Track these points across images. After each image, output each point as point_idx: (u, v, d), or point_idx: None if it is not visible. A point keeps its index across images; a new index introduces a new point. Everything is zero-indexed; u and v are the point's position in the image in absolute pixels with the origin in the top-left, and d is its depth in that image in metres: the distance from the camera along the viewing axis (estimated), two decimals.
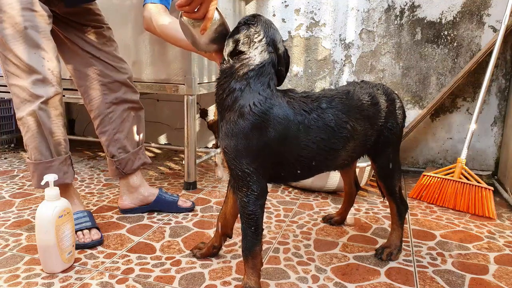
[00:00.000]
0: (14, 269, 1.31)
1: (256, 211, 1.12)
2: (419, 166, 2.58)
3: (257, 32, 1.12)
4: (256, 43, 1.11)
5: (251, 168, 1.10)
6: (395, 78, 2.52)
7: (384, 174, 1.40)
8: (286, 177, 1.25)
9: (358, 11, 2.51)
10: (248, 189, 1.11)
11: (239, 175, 1.11)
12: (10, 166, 2.54)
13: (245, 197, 1.11)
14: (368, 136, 1.29)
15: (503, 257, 1.45)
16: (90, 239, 1.47)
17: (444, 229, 1.69)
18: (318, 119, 1.16)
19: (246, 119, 1.07)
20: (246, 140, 1.08)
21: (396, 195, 1.42)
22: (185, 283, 1.24)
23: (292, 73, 2.72)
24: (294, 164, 1.18)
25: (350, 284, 1.25)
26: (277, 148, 1.12)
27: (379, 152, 1.35)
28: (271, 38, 1.15)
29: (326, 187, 2.08)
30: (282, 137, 1.11)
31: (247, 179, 1.10)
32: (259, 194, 1.12)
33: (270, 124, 1.09)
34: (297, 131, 1.13)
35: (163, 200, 1.79)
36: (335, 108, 1.20)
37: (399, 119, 1.36)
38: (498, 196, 2.09)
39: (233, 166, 1.11)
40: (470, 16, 2.33)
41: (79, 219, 1.50)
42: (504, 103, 2.37)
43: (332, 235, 1.60)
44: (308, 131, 1.15)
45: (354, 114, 1.23)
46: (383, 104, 1.31)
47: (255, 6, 2.70)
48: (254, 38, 1.12)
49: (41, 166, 1.44)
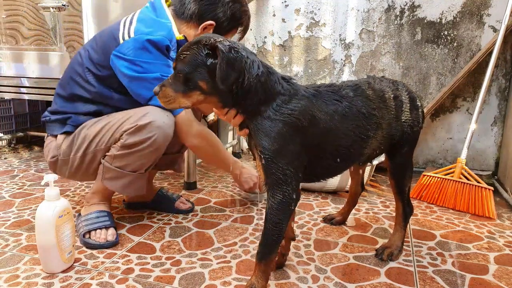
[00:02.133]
0: (14, 269, 1.31)
1: (285, 219, 1.11)
2: (419, 166, 2.58)
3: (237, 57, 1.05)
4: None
5: (291, 169, 1.09)
6: (395, 78, 2.51)
7: (397, 172, 1.41)
8: (322, 173, 1.26)
9: (358, 11, 2.51)
10: (283, 195, 1.09)
11: (276, 179, 1.08)
12: (10, 166, 2.54)
13: (278, 204, 1.09)
14: (393, 128, 1.30)
15: (503, 257, 1.45)
16: (105, 239, 1.48)
17: (444, 229, 1.69)
18: (351, 106, 1.19)
19: (279, 120, 1.07)
20: (284, 139, 1.07)
21: (404, 195, 1.42)
22: (185, 283, 1.24)
23: (292, 73, 2.72)
24: (333, 155, 1.19)
25: (350, 284, 1.25)
26: (316, 141, 1.13)
27: (397, 149, 1.36)
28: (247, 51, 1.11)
29: (326, 187, 2.08)
30: (320, 129, 1.12)
31: (285, 182, 1.08)
32: (293, 200, 1.11)
33: (305, 119, 1.09)
34: (332, 120, 1.15)
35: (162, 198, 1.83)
36: (362, 96, 1.23)
37: (420, 118, 1.38)
38: (498, 196, 2.09)
39: (271, 170, 1.08)
40: (470, 16, 2.33)
41: (98, 218, 1.53)
42: (504, 103, 2.37)
43: (332, 235, 1.60)
44: (343, 119, 1.17)
45: (378, 103, 1.25)
46: (405, 100, 1.33)
47: (255, 6, 2.70)
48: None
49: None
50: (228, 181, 2.29)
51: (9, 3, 2.33)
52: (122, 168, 1.47)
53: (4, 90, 2.48)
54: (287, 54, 2.71)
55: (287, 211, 1.11)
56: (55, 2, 2.16)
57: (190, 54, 1.05)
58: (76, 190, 2.07)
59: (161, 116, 1.44)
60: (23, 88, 2.45)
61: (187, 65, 1.05)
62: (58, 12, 2.19)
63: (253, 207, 1.89)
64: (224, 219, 1.75)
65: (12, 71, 2.42)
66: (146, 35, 1.43)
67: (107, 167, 1.48)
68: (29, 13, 2.30)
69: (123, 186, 1.50)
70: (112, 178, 1.49)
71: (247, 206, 1.91)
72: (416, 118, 1.36)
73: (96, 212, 1.55)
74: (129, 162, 1.46)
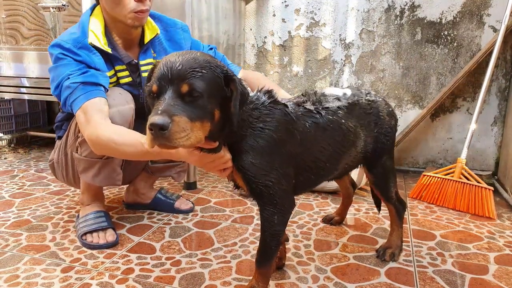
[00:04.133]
0: (13, 269, 1.31)
1: (282, 229, 1.11)
2: (419, 166, 2.58)
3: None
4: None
5: (274, 179, 1.05)
6: (395, 78, 2.51)
7: (380, 182, 1.40)
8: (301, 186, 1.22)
9: (358, 11, 2.51)
10: (273, 205, 1.07)
11: (263, 191, 1.05)
12: (10, 166, 2.54)
13: (271, 215, 1.07)
14: (368, 142, 1.29)
15: (503, 257, 1.45)
16: (105, 240, 1.48)
17: (444, 229, 1.69)
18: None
19: (264, 135, 1.04)
20: (269, 154, 1.04)
21: (392, 198, 1.42)
22: (185, 283, 1.24)
23: (292, 73, 2.72)
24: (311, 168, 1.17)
25: (350, 284, 1.25)
26: (297, 152, 1.11)
27: (375, 160, 1.34)
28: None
29: (326, 188, 2.08)
30: (299, 140, 1.11)
31: (272, 193, 1.05)
32: (286, 210, 1.10)
33: (287, 131, 1.08)
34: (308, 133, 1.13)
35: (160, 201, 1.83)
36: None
37: (393, 123, 1.36)
38: (498, 196, 2.09)
39: (255, 183, 1.04)
40: (470, 16, 2.33)
41: (96, 218, 1.53)
42: (504, 103, 2.37)
43: (332, 235, 1.60)
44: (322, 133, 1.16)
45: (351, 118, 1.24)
46: (379, 110, 1.31)
47: (255, 6, 2.70)
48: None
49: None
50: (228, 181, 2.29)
51: (9, 3, 2.33)
52: (90, 156, 1.46)
53: (4, 90, 2.48)
54: (287, 54, 2.71)
55: (283, 220, 1.10)
56: (55, 2, 2.16)
57: (208, 75, 0.89)
58: (76, 190, 2.07)
59: (114, 94, 1.43)
60: (23, 88, 2.45)
61: (207, 86, 0.88)
62: (58, 12, 2.18)
63: (253, 207, 1.89)
64: (224, 219, 1.75)
65: (12, 71, 2.42)
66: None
67: (77, 158, 1.49)
68: (29, 13, 2.30)
69: (93, 175, 1.49)
70: (84, 169, 1.49)
71: (247, 206, 1.91)
72: (389, 125, 1.34)
73: (92, 213, 1.55)
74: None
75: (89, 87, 1.35)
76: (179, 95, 0.85)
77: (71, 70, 1.36)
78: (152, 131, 0.82)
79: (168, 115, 0.81)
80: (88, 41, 1.41)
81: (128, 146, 1.26)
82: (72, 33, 1.42)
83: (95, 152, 1.38)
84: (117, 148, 1.28)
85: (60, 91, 1.37)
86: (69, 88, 1.34)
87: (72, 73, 1.35)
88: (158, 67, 0.89)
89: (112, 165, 1.50)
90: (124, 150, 1.27)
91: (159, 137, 0.83)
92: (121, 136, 1.28)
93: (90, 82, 1.35)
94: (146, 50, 1.55)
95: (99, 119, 1.31)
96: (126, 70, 1.53)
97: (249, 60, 2.78)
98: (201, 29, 2.09)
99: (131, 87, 1.55)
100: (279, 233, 1.11)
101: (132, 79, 1.55)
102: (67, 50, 1.38)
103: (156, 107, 0.84)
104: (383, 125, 1.32)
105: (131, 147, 1.25)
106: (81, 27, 1.44)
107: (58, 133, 1.65)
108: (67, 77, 1.35)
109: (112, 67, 1.49)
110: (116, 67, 1.50)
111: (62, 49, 1.38)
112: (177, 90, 0.85)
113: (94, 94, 1.34)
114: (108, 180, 1.51)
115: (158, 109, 0.83)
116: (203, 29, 2.11)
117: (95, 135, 1.30)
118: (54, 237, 1.54)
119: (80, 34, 1.42)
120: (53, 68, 1.41)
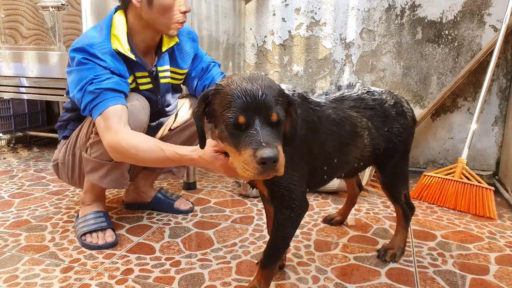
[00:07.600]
0: (13, 270, 1.30)
1: (293, 232, 1.11)
2: (419, 166, 2.57)
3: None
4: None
5: (296, 182, 1.05)
6: (395, 77, 2.51)
7: (390, 183, 1.39)
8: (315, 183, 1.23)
9: (358, 11, 2.50)
10: (291, 209, 1.07)
11: (285, 194, 1.05)
12: (9, 166, 2.53)
13: (287, 219, 1.07)
14: (376, 140, 1.28)
15: (504, 258, 1.44)
16: (104, 240, 1.47)
17: (445, 229, 1.68)
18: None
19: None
20: (292, 155, 1.03)
21: (401, 201, 1.40)
22: (184, 284, 1.23)
23: (292, 72, 2.71)
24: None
25: (351, 284, 1.24)
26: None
27: (386, 160, 1.33)
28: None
29: (327, 188, 2.07)
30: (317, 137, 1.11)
31: (293, 197, 1.06)
32: (302, 212, 1.10)
33: (310, 130, 1.08)
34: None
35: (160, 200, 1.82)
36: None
37: (408, 126, 1.33)
38: (499, 196, 2.09)
39: (277, 186, 1.05)
40: (471, 16, 2.32)
41: (96, 219, 1.53)
42: (505, 102, 2.36)
43: (333, 236, 1.60)
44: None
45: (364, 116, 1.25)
46: (392, 109, 1.31)
47: (255, 6, 2.69)
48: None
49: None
50: (228, 181, 2.29)
51: (9, 2, 2.32)
52: (99, 158, 1.46)
53: (3, 89, 2.47)
54: (287, 53, 2.70)
55: (296, 224, 1.11)
56: (54, 1, 2.15)
57: (282, 101, 0.91)
58: (76, 190, 2.06)
59: (132, 100, 1.44)
60: (22, 88, 2.44)
61: (283, 113, 0.90)
62: (57, 11, 2.18)
63: (253, 207, 1.88)
64: (224, 219, 1.74)
65: (11, 70, 2.42)
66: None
67: (86, 158, 1.49)
68: (28, 13, 2.29)
69: (101, 177, 1.49)
70: (91, 170, 1.49)
71: (247, 206, 1.91)
72: (403, 126, 1.32)
73: (92, 213, 1.55)
74: (104, 150, 1.42)
75: (111, 93, 1.36)
76: (268, 124, 0.87)
77: (94, 74, 1.36)
78: (266, 164, 0.82)
79: (273, 147, 0.83)
80: (113, 47, 1.41)
81: (149, 153, 1.28)
82: (93, 37, 1.42)
83: (114, 159, 1.39)
84: (137, 154, 1.29)
85: (82, 95, 1.36)
86: (92, 94, 1.34)
87: (96, 78, 1.36)
88: (236, 97, 0.86)
89: (121, 169, 1.51)
90: (144, 157, 1.29)
91: (270, 169, 0.84)
92: (141, 143, 1.30)
93: (113, 89, 1.36)
94: (163, 57, 1.57)
95: (119, 126, 1.33)
96: (148, 77, 1.54)
97: (249, 59, 2.78)
98: (201, 28, 2.08)
99: (150, 93, 1.56)
100: (290, 236, 1.11)
101: (153, 86, 1.56)
102: (91, 55, 1.38)
103: (253, 138, 0.84)
104: (393, 124, 1.30)
105: (152, 153, 1.28)
106: (104, 31, 1.43)
107: (62, 133, 1.64)
108: (90, 82, 1.35)
109: (132, 73, 1.49)
110: (136, 73, 1.51)
111: (86, 54, 1.38)
112: (266, 120, 0.87)
113: (115, 101, 1.35)
114: (115, 183, 1.52)
115: (258, 141, 0.83)
116: (203, 28, 2.11)
117: (115, 141, 1.31)
118: (54, 237, 1.54)
119: (104, 39, 1.41)
120: (74, 71, 1.40)
